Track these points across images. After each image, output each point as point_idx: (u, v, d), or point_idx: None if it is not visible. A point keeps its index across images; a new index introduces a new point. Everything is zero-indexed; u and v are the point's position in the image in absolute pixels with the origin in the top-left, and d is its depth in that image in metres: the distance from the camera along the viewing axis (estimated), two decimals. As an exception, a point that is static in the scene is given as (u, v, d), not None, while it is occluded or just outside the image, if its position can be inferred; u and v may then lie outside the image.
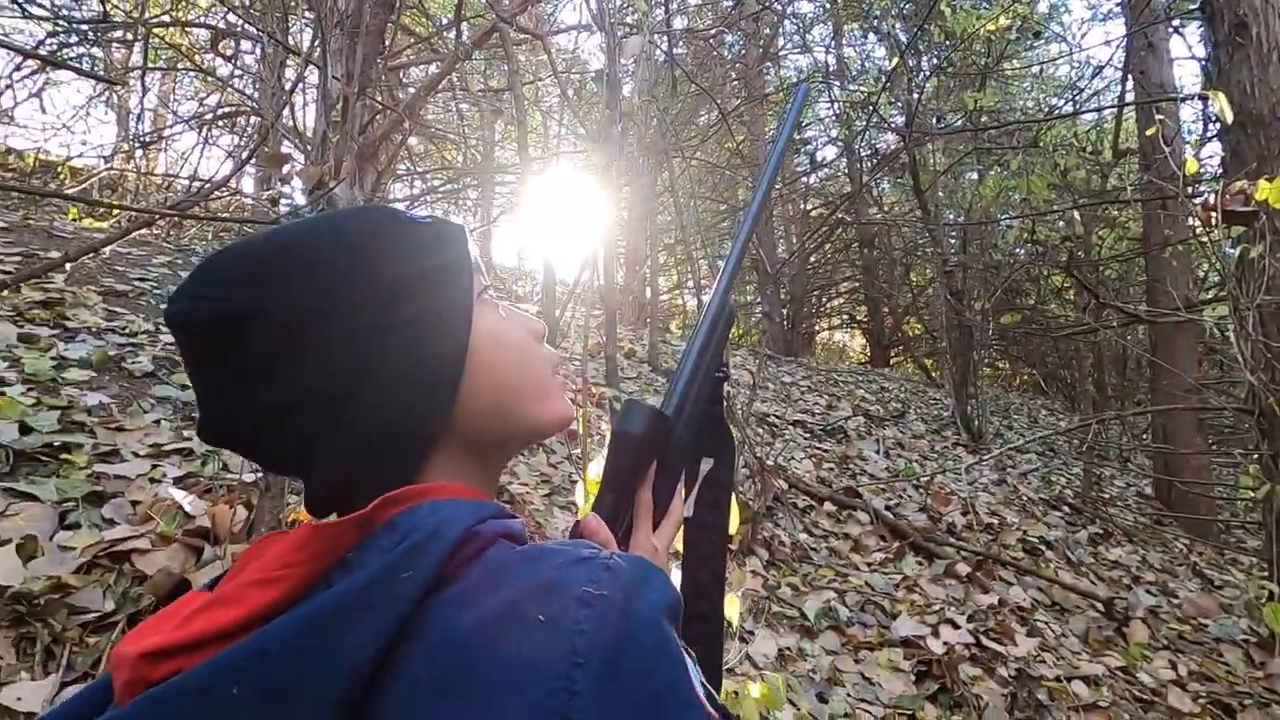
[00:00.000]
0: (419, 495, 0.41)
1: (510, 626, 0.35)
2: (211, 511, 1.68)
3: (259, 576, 0.37)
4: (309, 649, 0.33)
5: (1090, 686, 2.44)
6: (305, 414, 0.43)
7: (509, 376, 0.49)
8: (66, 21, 3.69)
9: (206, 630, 0.35)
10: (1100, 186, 6.48)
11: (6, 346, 2.35)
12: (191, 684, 0.32)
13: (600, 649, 0.34)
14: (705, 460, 0.70)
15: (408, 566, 0.36)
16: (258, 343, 0.42)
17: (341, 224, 0.46)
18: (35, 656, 1.31)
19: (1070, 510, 4.72)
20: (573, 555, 0.38)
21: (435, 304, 0.46)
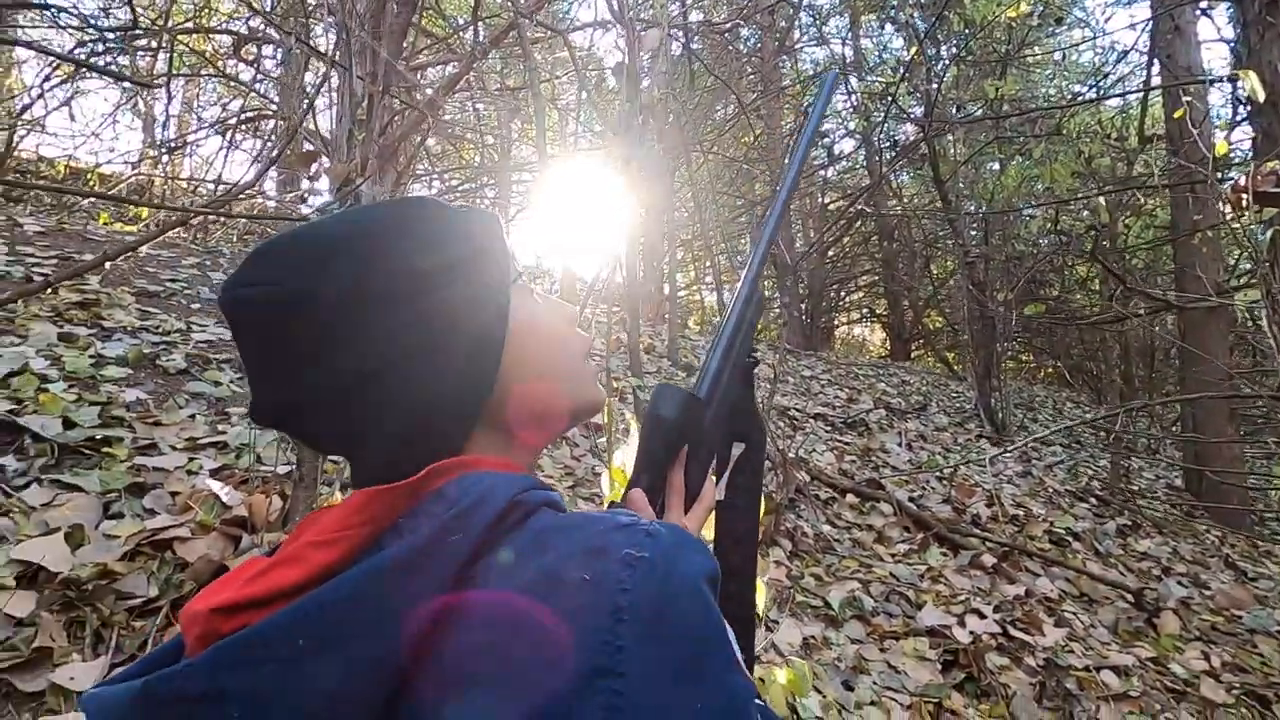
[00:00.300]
0: (464, 466, 0.43)
1: (556, 586, 0.36)
2: (248, 501, 1.72)
3: (318, 539, 0.39)
4: (366, 604, 0.35)
5: (1120, 676, 2.42)
6: (352, 395, 0.44)
7: (544, 359, 0.51)
8: (96, 29, 3.78)
9: (272, 588, 0.37)
10: (1126, 173, 6.36)
11: (48, 346, 2.42)
12: (260, 635, 0.34)
13: (643, 607, 0.35)
14: (736, 444, 0.70)
15: (456, 529, 0.38)
16: (307, 327, 0.43)
17: (386, 213, 0.48)
18: (85, 639, 1.36)
19: (1098, 502, 4.66)
20: (614, 522, 0.40)
21: (475, 289, 0.48)
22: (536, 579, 0.37)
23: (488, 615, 0.36)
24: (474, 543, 0.38)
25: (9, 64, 8.10)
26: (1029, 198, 7.79)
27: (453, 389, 0.46)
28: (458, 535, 0.37)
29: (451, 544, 0.37)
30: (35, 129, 7.16)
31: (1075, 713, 2.19)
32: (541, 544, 0.39)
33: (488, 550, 0.38)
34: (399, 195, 3.39)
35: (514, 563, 0.38)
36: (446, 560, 0.37)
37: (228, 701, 0.33)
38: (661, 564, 0.37)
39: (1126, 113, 7.44)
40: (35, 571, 1.42)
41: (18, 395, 2.02)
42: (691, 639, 0.36)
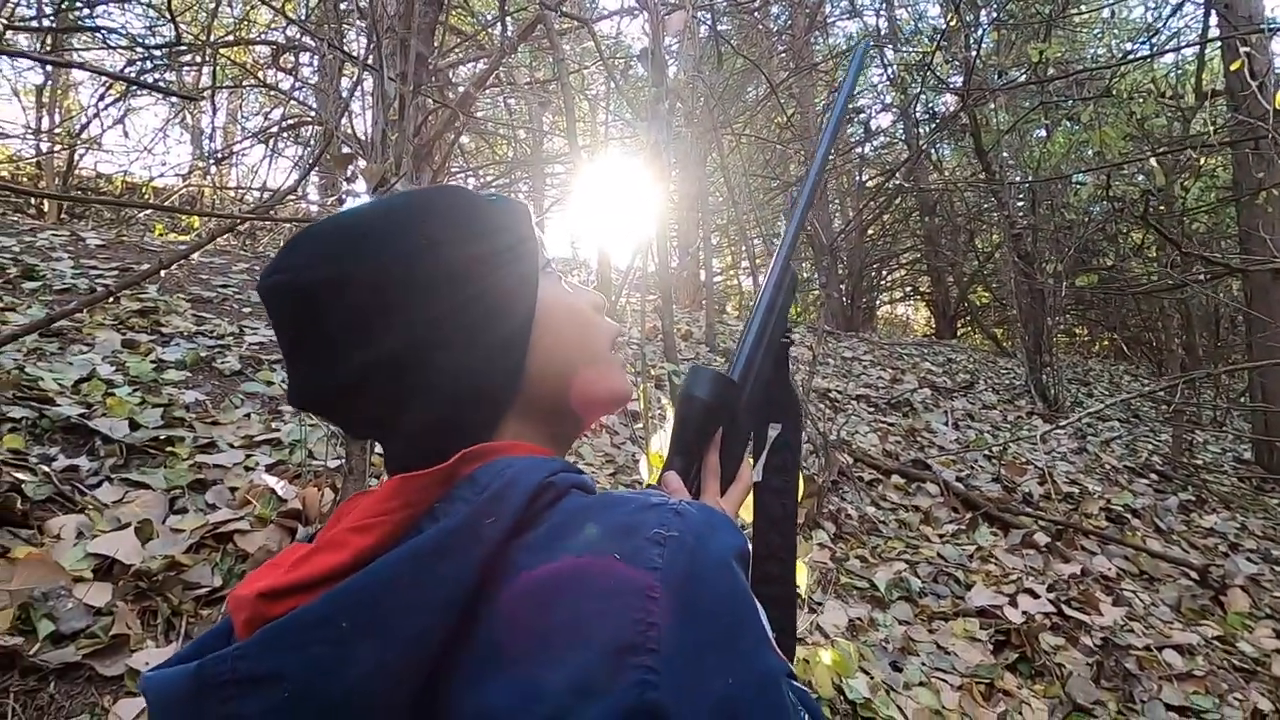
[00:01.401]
0: (496, 451, 0.44)
1: (588, 565, 0.37)
2: (302, 495, 1.79)
3: (357, 524, 0.40)
4: (406, 586, 0.36)
5: (1184, 656, 2.34)
6: (385, 379, 0.45)
7: (570, 345, 0.51)
8: (144, 48, 3.93)
9: (315, 572, 0.38)
10: (1183, 133, 6.04)
11: (112, 352, 2.56)
12: (307, 618, 0.36)
13: (674, 583, 0.36)
14: (773, 425, 0.70)
15: (490, 513, 0.38)
16: (340, 311, 0.44)
17: (418, 201, 0.48)
18: (158, 627, 1.44)
19: (1159, 477, 4.48)
20: (644, 501, 0.40)
21: (506, 275, 0.48)
22: (569, 559, 0.37)
23: (522, 595, 0.37)
24: (507, 525, 0.39)
25: (66, 86, 8.49)
26: (1078, 164, 7.47)
27: (485, 376, 0.47)
28: (491, 519, 0.38)
29: (486, 527, 0.38)
30: (93, 147, 7.51)
31: (1135, 693, 2.12)
32: (572, 525, 0.39)
33: (521, 531, 0.39)
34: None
35: (546, 544, 0.39)
36: (481, 542, 0.38)
37: (278, 682, 0.35)
38: (691, 541, 0.37)
39: (1182, 69, 7.06)
40: (110, 564, 1.51)
41: (87, 400, 2.13)
42: (722, 615, 0.36)
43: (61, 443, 1.90)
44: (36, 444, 1.85)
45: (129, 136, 14.40)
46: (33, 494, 1.61)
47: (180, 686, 0.37)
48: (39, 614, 1.35)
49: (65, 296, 3.09)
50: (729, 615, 0.37)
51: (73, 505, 1.65)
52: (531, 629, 0.36)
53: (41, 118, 8.00)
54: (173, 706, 0.37)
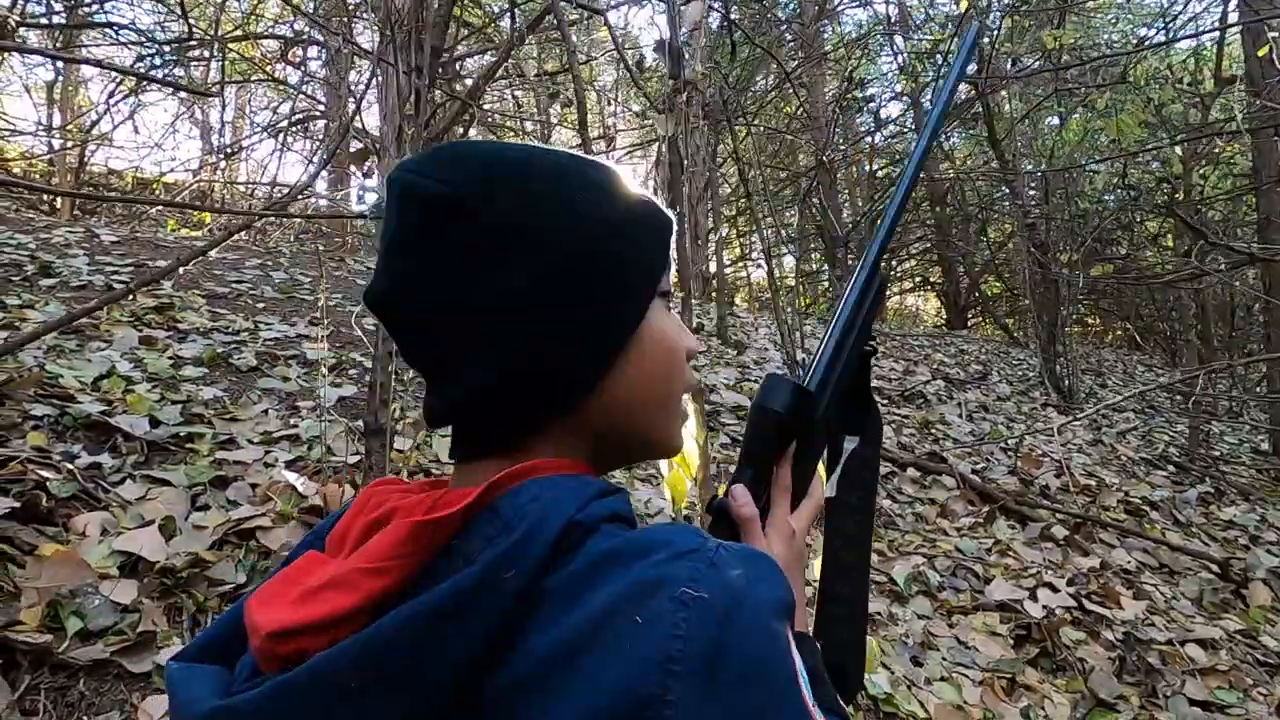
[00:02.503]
0: (521, 475, 0.41)
1: (607, 628, 0.34)
2: (323, 491, 1.80)
3: (371, 565, 0.38)
4: (418, 645, 0.34)
5: (1207, 650, 2.32)
6: (475, 320, 0.43)
7: (653, 380, 0.48)
8: (155, 43, 3.93)
9: (325, 614, 0.37)
10: (1201, 120, 5.95)
11: (130, 349, 2.57)
12: (315, 673, 0.35)
13: (698, 656, 0.33)
14: (849, 438, 0.66)
15: (510, 565, 0.36)
16: (465, 235, 0.42)
17: (571, 158, 0.47)
18: (183, 623, 1.45)
19: (1176, 469, 4.45)
20: (675, 548, 0.37)
21: (628, 269, 0.46)
22: (588, 619, 0.35)
23: (538, 656, 0.35)
24: (527, 577, 0.36)
25: (76, 83, 8.53)
26: (1092, 152, 7.37)
27: (566, 362, 0.44)
28: (510, 572, 0.36)
29: (505, 581, 0.36)
30: (104, 143, 7.54)
31: (1159, 687, 2.11)
32: (595, 576, 0.37)
33: (543, 575, 0.37)
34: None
35: (565, 597, 0.36)
36: (500, 597, 0.36)
37: None
38: (721, 602, 0.34)
39: (1200, 55, 6.95)
40: (135, 561, 1.52)
41: (107, 396, 2.14)
42: (754, 691, 0.33)
43: (84, 440, 1.91)
44: (59, 441, 1.87)
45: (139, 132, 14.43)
46: (57, 491, 1.62)
47: (197, 717, 0.37)
48: (67, 611, 1.35)
49: (82, 293, 3.11)
50: (761, 689, 0.34)
51: (96, 502, 1.66)
52: (545, 695, 0.34)
53: (52, 114, 8.04)
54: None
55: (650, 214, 0.48)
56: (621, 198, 0.46)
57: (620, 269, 0.45)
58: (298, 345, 3.06)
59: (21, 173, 7.48)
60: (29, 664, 1.27)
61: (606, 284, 0.44)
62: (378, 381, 1.84)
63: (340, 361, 2.96)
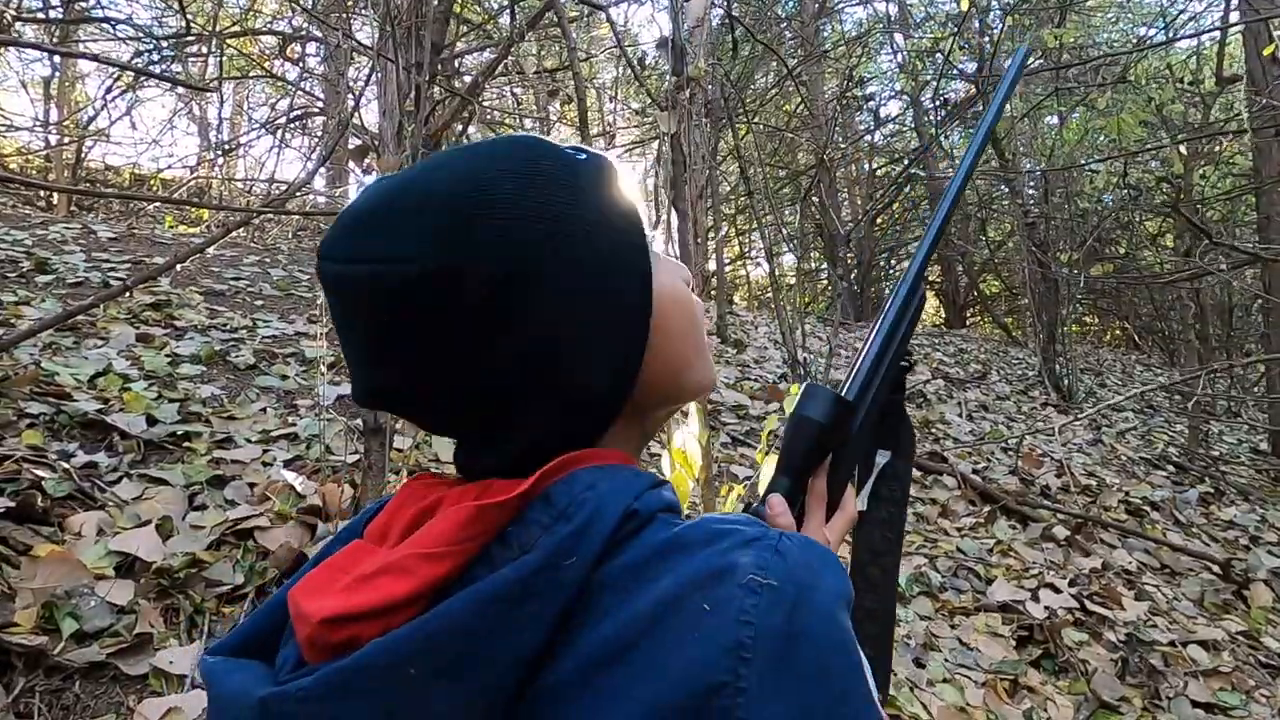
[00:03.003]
0: (572, 463, 0.40)
1: (675, 615, 0.34)
2: (322, 491, 1.78)
3: (427, 550, 0.37)
4: (480, 632, 0.34)
5: (1209, 651, 2.31)
6: (490, 386, 0.40)
7: (682, 340, 0.47)
8: (153, 38, 3.91)
9: (380, 601, 0.35)
10: (1202, 119, 5.95)
11: (127, 346, 2.55)
12: (372, 661, 0.33)
13: (768, 642, 0.33)
14: (881, 453, 0.65)
15: (571, 552, 0.35)
16: (452, 311, 0.38)
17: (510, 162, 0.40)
18: (180, 625, 1.44)
19: (1175, 469, 4.44)
20: (739, 537, 0.36)
21: (622, 251, 0.43)
22: (653, 607, 0.34)
23: (603, 645, 0.34)
24: (587, 565, 0.36)
25: (73, 79, 8.48)
26: (1091, 152, 7.36)
27: (612, 373, 0.42)
28: (571, 559, 0.35)
29: (565, 569, 0.35)
30: (101, 139, 7.50)
31: (1161, 689, 2.10)
32: (658, 564, 0.36)
33: (600, 564, 0.36)
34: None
35: (627, 584, 0.36)
36: (561, 585, 0.35)
37: None
38: (790, 590, 0.34)
39: (1200, 54, 6.94)
40: (132, 561, 1.50)
41: (104, 394, 2.13)
42: (824, 678, 0.33)
43: (80, 438, 1.89)
44: (55, 440, 1.85)
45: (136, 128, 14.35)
46: (53, 491, 1.60)
47: (245, 711, 0.35)
48: (63, 613, 1.34)
49: (78, 290, 3.09)
50: (832, 679, 0.34)
51: (93, 502, 1.64)
52: (609, 683, 0.33)
53: (49, 110, 7.99)
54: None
55: (604, 174, 0.43)
56: (577, 180, 0.41)
57: (619, 262, 0.43)
58: (296, 343, 3.04)
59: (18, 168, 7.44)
60: (24, 666, 1.25)
61: (616, 284, 0.42)
62: (377, 380, 1.82)
63: (338, 360, 2.95)
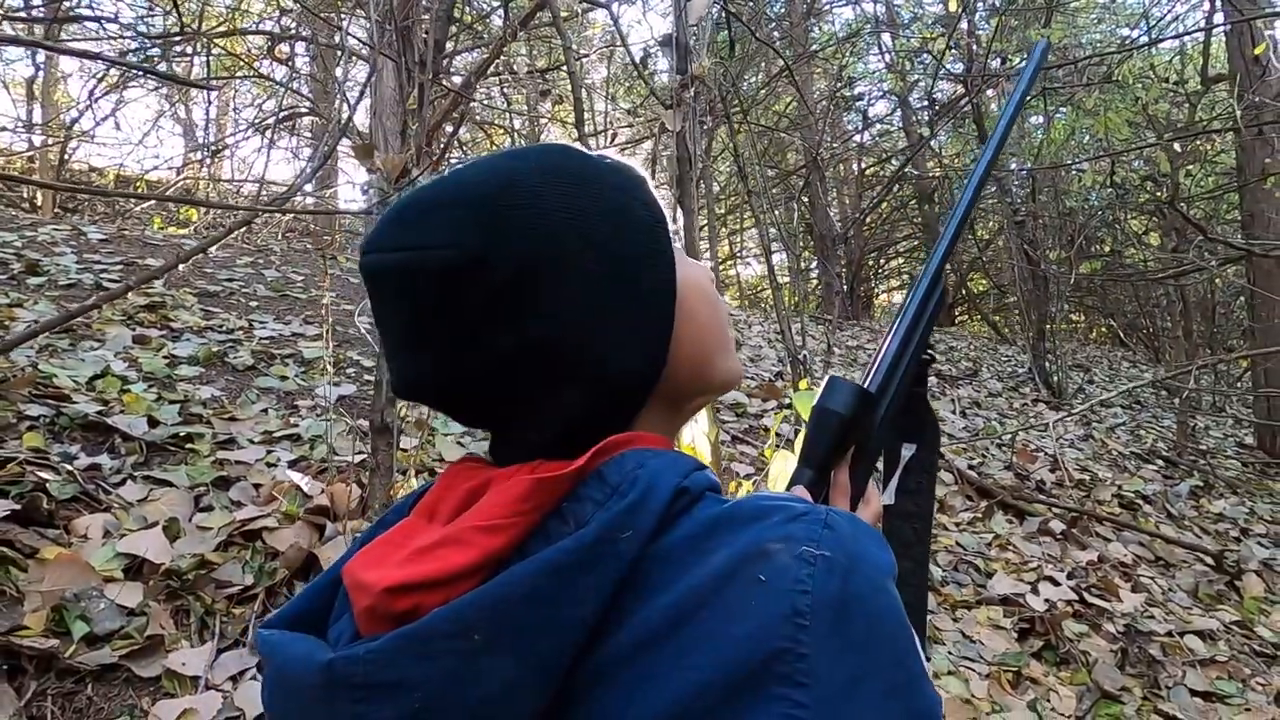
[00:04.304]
0: (621, 444, 0.41)
1: (730, 586, 0.35)
2: (330, 490, 1.77)
3: (486, 523, 0.38)
4: (543, 599, 0.34)
5: (1205, 641, 2.35)
6: (524, 372, 0.41)
7: (707, 331, 0.48)
8: (145, 36, 3.86)
9: (442, 571, 0.36)
10: (1188, 119, 6.04)
11: (124, 348, 2.52)
12: (438, 627, 0.34)
13: (826, 609, 0.33)
14: (906, 445, 0.66)
15: (627, 525, 0.36)
16: (482, 295, 0.40)
17: (554, 164, 0.43)
18: (191, 626, 1.42)
19: (1165, 463, 4.51)
20: (789, 511, 0.37)
21: (651, 244, 0.45)
22: (708, 579, 0.35)
23: (660, 615, 0.35)
24: (644, 538, 0.37)
25: (56, 79, 8.37)
26: (1078, 151, 7.45)
27: (634, 367, 0.43)
28: (628, 532, 0.36)
29: (621, 542, 0.36)
30: (85, 139, 7.41)
31: (1160, 679, 2.13)
32: (711, 538, 0.37)
33: (654, 538, 0.37)
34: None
35: (682, 557, 0.37)
36: (619, 555, 0.36)
37: (408, 690, 0.34)
38: (843, 560, 0.35)
39: (1185, 55, 7.04)
40: (140, 564, 1.49)
41: (103, 396, 2.10)
42: (879, 646, 0.34)
43: (81, 440, 1.87)
44: (56, 442, 1.82)
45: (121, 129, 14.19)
46: (57, 493, 1.58)
47: (310, 675, 0.36)
48: (73, 615, 1.32)
49: (71, 292, 3.05)
50: (886, 645, 0.35)
51: (98, 504, 1.63)
52: (669, 652, 0.34)
53: (32, 110, 7.89)
54: (303, 692, 0.37)
55: (624, 174, 0.46)
56: (599, 176, 0.44)
57: (645, 249, 0.44)
58: (294, 344, 3.02)
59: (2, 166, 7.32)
60: (35, 669, 1.24)
61: (640, 271, 0.44)
62: (383, 379, 1.82)
63: (338, 360, 2.93)
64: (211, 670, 1.34)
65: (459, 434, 2.57)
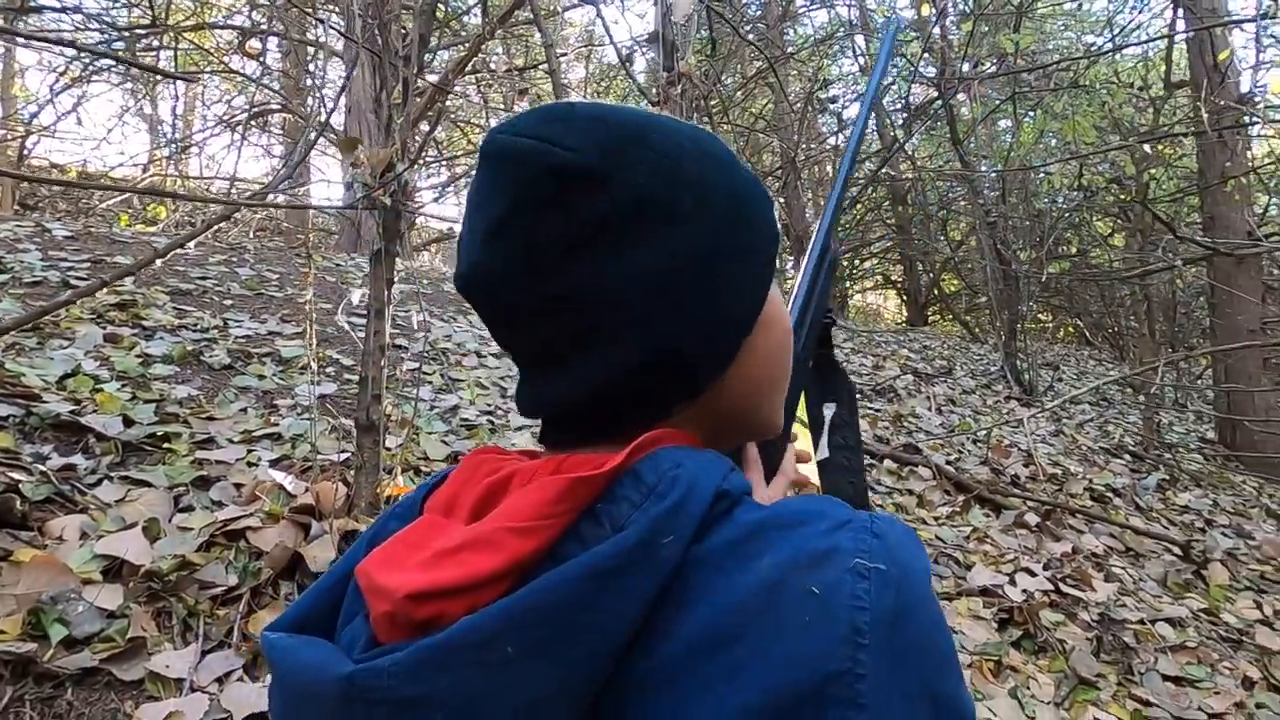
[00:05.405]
0: (657, 441, 0.39)
1: (781, 601, 0.33)
2: (315, 489, 1.75)
3: (517, 525, 0.36)
4: (580, 607, 0.33)
5: (1175, 628, 2.42)
6: (602, 306, 0.39)
7: (773, 364, 0.46)
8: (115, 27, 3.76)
9: (467, 577, 0.34)
10: (1151, 123, 6.22)
11: (95, 346, 2.45)
12: (467, 638, 0.32)
13: (883, 627, 0.33)
14: (827, 405, 0.70)
15: (668, 530, 0.35)
16: (596, 211, 0.38)
17: (682, 124, 0.43)
18: (174, 628, 1.39)
19: (1132, 458, 4.63)
20: (834, 518, 0.36)
21: (758, 244, 0.44)
22: (756, 589, 0.34)
23: (705, 625, 0.34)
24: (686, 543, 0.35)
25: (12, 74, 8.11)
26: (1045, 154, 7.63)
27: (703, 344, 0.41)
28: (670, 536, 0.35)
29: (663, 547, 0.34)
30: (45, 134, 7.19)
31: (1134, 665, 2.19)
32: (756, 545, 0.36)
33: (695, 543, 0.36)
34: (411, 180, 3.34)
35: (722, 563, 0.35)
36: (660, 562, 0.34)
37: (434, 706, 0.32)
38: (895, 573, 0.34)
39: (1146, 61, 7.25)
40: (119, 565, 1.45)
41: (75, 396, 2.04)
42: (929, 658, 0.34)
43: (53, 440, 1.82)
44: (27, 442, 1.77)
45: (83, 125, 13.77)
46: (31, 494, 1.54)
47: (327, 686, 0.34)
48: (50, 618, 1.29)
49: (36, 290, 2.95)
50: (936, 657, 0.34)
51: (73, 505, 1.58)
52: (717, 666, 0.32)
53: (-10, 104, 7.64)
54: (317, 703, 0.35)
55: (761, 187, 0.46)
56: (738, 169, 0.44)
57: (749, 246, 0.43)
58: (271, 342, 2.97)
59: (-44, 165, 7.07)
60: (11, 675, 1.20)
61: (739, 263, 0.42)
62: (369, 376, 1.80)
63: (321, 359, 2.88)
64: (196, 672, 1.31)
65: (442, 433, 2.55)
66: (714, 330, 0.42)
